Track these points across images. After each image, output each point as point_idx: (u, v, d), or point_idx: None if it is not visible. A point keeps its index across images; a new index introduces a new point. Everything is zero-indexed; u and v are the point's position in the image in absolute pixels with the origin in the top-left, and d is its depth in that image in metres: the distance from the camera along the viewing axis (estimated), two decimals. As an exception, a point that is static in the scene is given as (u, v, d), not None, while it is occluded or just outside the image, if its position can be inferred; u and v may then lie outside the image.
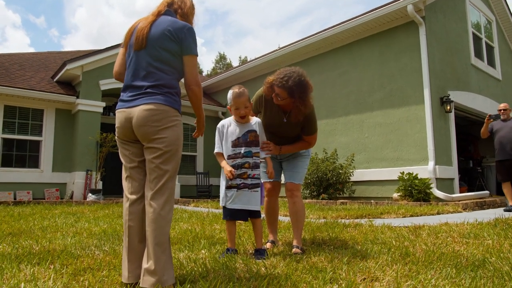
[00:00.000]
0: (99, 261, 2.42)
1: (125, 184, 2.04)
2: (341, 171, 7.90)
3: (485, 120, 6.60)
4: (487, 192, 8.29)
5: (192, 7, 2.25)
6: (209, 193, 11.30)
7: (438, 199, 6.89)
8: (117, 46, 10.05)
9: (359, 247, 2.82)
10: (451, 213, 5.63)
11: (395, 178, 7.26)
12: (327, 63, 9.46)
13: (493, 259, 2.30)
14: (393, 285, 1.83)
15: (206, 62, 62.17)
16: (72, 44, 58.99)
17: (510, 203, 6.26)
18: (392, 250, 2.65)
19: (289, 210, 2.98)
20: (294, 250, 2.72)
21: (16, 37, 58.69)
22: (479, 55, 9.62)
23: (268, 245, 2.99)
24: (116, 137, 2.09)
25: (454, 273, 1.99)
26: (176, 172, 1.99)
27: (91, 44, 56.38)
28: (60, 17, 61.26)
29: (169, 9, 2.14)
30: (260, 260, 2.42)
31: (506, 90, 10.78)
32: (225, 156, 2.72)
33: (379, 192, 7.93)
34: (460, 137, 9.05)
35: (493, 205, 6.91)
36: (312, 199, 7.93)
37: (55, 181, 9.77)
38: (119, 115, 2.01)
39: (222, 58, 39.46)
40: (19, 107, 9.53)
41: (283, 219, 4.75)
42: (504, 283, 1.83)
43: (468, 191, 8.54)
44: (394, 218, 5.07)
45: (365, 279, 1.97)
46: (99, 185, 9.49)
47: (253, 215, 2.70)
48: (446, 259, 2.33)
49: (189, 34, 2.02)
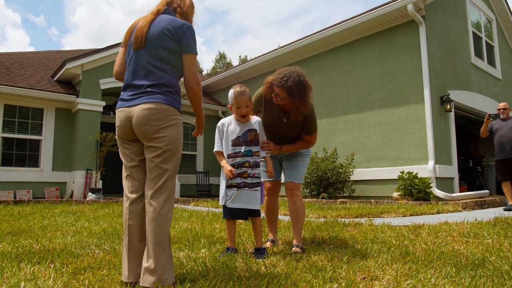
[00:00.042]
0: (99, 260, 2.42)
1: (125, 183, 2.04)
2: (341, 170, 7.91)
3: (485, 119, 6.59)
4: (487, 191, 8.29)
5: (191, 5, 2.24)
6: (209, 192, 11.31)
7: (438, 198, 6.89)
8: (117, 45, 10.05)
9: (359, 246, 2.83)
10: (451, 212, 5.63)
11: (395, 177, 7.26)
12: (327, 62, 9.46)
13: (493, 258, 2.30)
14: (393, 284, 1.84)
15: (206, 61, 62.32)
16: (72, 43, 59.11)
17: (510, 202, 6.26)
18: (392, 249, 2.65)
19: (289, 209, 2.98)
20: (294, 249, 2.72)
21: (16, 36, 58.77)
22: (479, 54, 9.62)
23: (268, 244, 2.99)
24: (116, 136, 2.09)
25: (454, 272, 2.00)
26: (176, 171, 1.99)
27: (91, 43, 56.48)
28: (60, 16, 61.33)
29: (168, 8, 2.14)
30: (260, 259, 2.42)
31: (506, 89, 10.77)
32: (225, 155, 2.72)
33: (379, 191, 7.93)
34: (460, 136, 9.05)
35: (493, 205, 6.91)
36: (312, 198, 7.94)
37: (55, 180, 9.77)
38: (119, 114, 2.01)
39: (222, 57, 39.46)
40: (19, 106, 9.52)
41: (283, 218, 4.76)
42: (503, 282, 1.83)
43: (468, 191, 8.54)
44: (394, 217, 5.07)
45: (365, 278, 1.97)
46: (99, 184, 9.49)
47: (253, 214, 2.70)
48: (446, 258, 2.34)
49: (188, 32, 2.02)
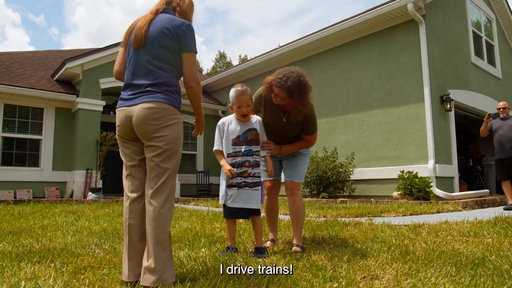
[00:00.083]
0: (99, 259, 2.42)
1: (126, 182, 2.04)
2: (341, 170, 7.91)
3: (485, 118, 6.59)
4: (487, 190, 8.29)
5: (191, 4, 2.24)
6: (209, 191, 11.31)
7: (438, 198, 6.89)
8: (117, 44, 10.04)
9: (359, 245, 2.83)
10: (451, 211, 5.62)
11: (395, 176, 7.26)
12: (327, 62, 9.45)
13: (493, 257, 2.30)
14: (393, 283, 1.84)
15: (206, 60, 62.31)
16: (72, 42, 59.09)
17: (510, 202, 6.26)
18: (392, 248, 2.65)
19: (289, 208, 2.98)
20: (294, 248, 2.72)
21: (15, 36, 58.71)
22: (479, 53, 9.62)
23: (268, 243, 2.99)
24: (116, 136, 2.09)
25: (454, 271, 2.00)
26: (176, 170, 1.99)
27: (91, 42, 56.46)
28: (60, 16, 61.29)
29: (168, 7, 2.14)
30: (260, 258, 2.42)
31: (506, 88, 10.77)
32: (225, 154, 2.71)
33: (379, 190, 7.93)
34: (460, 136, 9.04)
35: (493, 204, 6.91)
36: (312, 197, 7.94)
37: (55, 179, 9.77)
38: (119, 114, 2.01)
39: (222, 56, 39.45)
40: (19, 106, 9.52)
41: (283, 217, 4.76)
42: (503, 281, 1.83)
43: (468, 190, 8.54)
44: (394, 216, 5.07)
45: (365, 277, 1.97)
46: (99, 184, 9.50)
47: (254, 213, 2.70)
48: (446, 257, 2.34)
49: (188, 31, 2.01)
